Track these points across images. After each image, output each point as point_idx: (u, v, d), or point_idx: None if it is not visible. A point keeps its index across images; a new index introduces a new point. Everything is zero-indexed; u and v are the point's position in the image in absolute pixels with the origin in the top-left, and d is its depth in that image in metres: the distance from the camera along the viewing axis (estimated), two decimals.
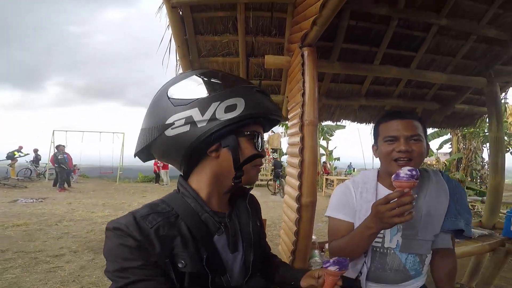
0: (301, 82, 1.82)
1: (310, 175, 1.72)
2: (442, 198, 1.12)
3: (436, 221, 1.08)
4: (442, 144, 11.26)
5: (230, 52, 2.59)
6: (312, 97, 1.78)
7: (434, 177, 1.17)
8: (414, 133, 1.05)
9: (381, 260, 1.11)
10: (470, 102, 3.26)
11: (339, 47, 2.49)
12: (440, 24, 2.37)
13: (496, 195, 2.83)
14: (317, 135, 1.80)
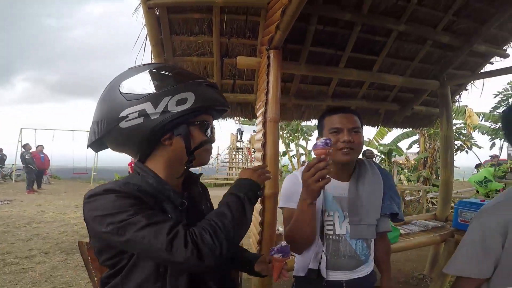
0: (265, 82, 1.96)
1: (272, 168, 1.86)
2: (378, 185, 1.27)
3: (376, 206, 1.24)
4: (411, 144, 11.90)
5: (205, 52, 2.67)
6: (274, 96, 1.92)
7: (369, 167, 1.32)
8: (355, 125, 1.19)
9: (335, 247, 1.22)
10: (427, 104, 3.54)
11: (307, 50, 2.65)
12: (400, 30, 2.59)
13: (446, 189, 3.12)
14: (278, 131, 1.95)
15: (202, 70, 2.83)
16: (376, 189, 1.26)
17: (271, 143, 1.89)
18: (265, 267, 1.01)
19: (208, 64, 2.77)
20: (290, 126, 14.89)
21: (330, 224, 1.23)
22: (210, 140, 0.87)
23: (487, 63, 3.12)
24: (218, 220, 0.74)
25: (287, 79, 3.02)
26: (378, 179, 1.29)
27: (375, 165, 1.35)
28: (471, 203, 2.54)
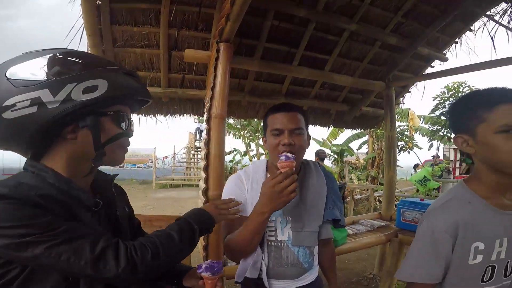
0: (212, 76, 1.84)
1: (217, 168, 1.74)
2: (322, 189, 1.20)
3: (318, 211, 1.17)
4: (361, 145, 12.59)
5: (151, 44, 2.51)
6: (221, 91, 1.81)
7: (314, 169, 1.25)
8: (297, 126, 1.09)
9: (277, 254, 1.13)
10: (375, 105, 3.70)
11: (262, 46, 2.60)
12: (352, 29, 2.65)
13: (390, 187, 3.25)
14: (224, 129, 1.83)
15: (147, 62, 2.66)
16: (320, 193, 1.20)
17: (215, 141, 1.76)
18: (195, 283, 0.90)
19: (154, 56, 2.60)
20: (250, 125, 14.87)
21: (271, 229, 1.14)
22: (126, 133, 0.76)
23: (429, 66, 3.32)
24: (164, 242, 0.73)
25: (242, 76, 2.95)
26: (322, 182, 1.23)
27: (320, 167, 1.29)
28: (412, 203, 2.66)
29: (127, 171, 17.65)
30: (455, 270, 0.89)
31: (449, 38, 3.06)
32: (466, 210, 0.88)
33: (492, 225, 0.87)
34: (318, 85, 3.18)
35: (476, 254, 0.87)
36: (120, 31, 2.34)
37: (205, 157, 1.75)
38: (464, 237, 0.86)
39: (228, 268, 1.95)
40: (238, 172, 1.26)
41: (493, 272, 0.89)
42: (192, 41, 2.51)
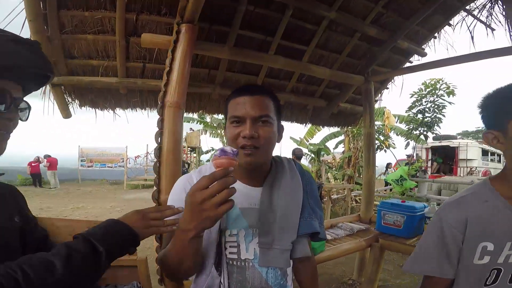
0: (168, 59, 1.55)
1: (170, 166, 1.45)
2: (297, 193, 0.95)
3: (292, 223, 0.92)
4: (337, 144, 12.67)
5: (105, 30, 2.23)
6: (180, 77, 1.54)
7: (288, 167, 0.99)
8: (262, 113, 0.85)
9: (240, 276, 0.89)
10: (352, 102, 3.55)
11: (236, 33, 2.36)
12: (331, 17, 2.47)
13: (369, 188, 3.09)
14: (181, 120, 1.54)
15: (100, 50, 2.38)
16: (294, 199, 0.94)
17: (170, 133, 1.47)
18: None
19: (109, 43, 2.32)
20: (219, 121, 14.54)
21: (233, 246, 0.89)
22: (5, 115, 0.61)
23: (407, 61, 3.22)
24: (35, 274, 0.51)
25: (213, 66, 2.67)
26: (298, 185, 0.97)
27: (296, 166, 1.03)
28: (393, 205, 2.50)
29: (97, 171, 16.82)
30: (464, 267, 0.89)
31: (428, 32, 2.96)
32: (480, 207, 0.87)
33: (508, 227, 0.84)
34: (295, 77, 2.96)
35: (483, 255, 0.86)
36: (69, 16, 2.10)
37: (156, 153, 1.45)
38: (472, 236, 0.86)
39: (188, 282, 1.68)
40: (191, 172, 0.99)
41: (498, 276, 0.87)
42: (153, 26, 2.22)
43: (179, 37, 1.66)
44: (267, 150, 0.88)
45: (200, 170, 0.99)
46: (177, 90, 1.50)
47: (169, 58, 1.56)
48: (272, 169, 0.97)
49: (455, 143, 12.14)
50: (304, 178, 1.01)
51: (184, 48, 1.60)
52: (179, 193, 0.90)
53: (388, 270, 3.60)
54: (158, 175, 1.44)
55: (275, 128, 0.90)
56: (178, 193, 0.92)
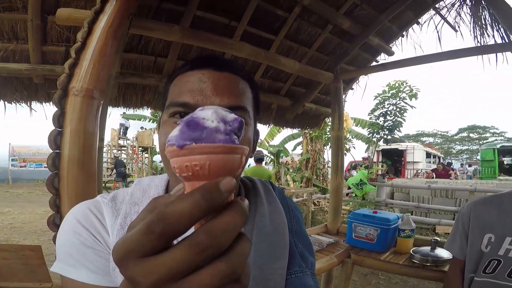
0: (82, 32, 1.07)
1: (76, 183, 0.95)
2: (280, 232, 0.58)
3: (274, 283, 0.52)
4: (295, 146, 12.72)
5: (14, 7, 1.80)
6: (97, 56, 1.04)
7: (265, 195, 0.63)
8: (235, 102, 0.50)
9: None
10: (317, 102, 3.31)
11: (192, 14, 1.95)
12: (304, 3, 2.18)
13: (337, 196, 2.83)
14: (95, 116, 1.06)
15: (6, 31, 1.89)
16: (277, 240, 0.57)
17: (74, 134, 0.96)
18: None
19: (19, 23, 1.86)
20: None
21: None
22: None
23: (374, 60, 3.08)
24: None
25: (160, 53, 2.22)
26: (282, 217, 0.60)
27: (275, 191, 0.66)
28: (365, 216, 2.25)
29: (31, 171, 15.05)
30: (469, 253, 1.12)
31: (398, 30, 2.83)
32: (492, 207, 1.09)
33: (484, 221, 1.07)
34: (261, 71, 2.61)
35: (488, 244, 1.06)
36: None
37: (50, 163, 0.95)
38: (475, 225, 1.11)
39: None
40: (96, 198, 0.58)
41: (497, 267, 1.03)
42: (81, 3, 1.74)
43: (105, 7, 1.17)
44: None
45: (114, 197, 0.58)
46: (90, 73, 1.01)
47: (84, 31, 1.06)
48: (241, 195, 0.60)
49: (403, 146, 12.92)
50: (287, 212, 0.64)
51: (109, 20, 1.12)
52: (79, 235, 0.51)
53: (353, 280, 3.42)
54: (58, 194, 0.94)
55: (251, 132, 0.54)
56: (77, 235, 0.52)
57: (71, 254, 0.51)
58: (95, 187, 1.00)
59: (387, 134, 6.56)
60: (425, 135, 46.23)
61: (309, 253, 0.64)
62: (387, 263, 2.09)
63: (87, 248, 0.51)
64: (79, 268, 0.50)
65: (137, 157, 15.44)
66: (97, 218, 0.54)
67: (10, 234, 5.76)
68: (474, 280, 1.09)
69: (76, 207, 0.56)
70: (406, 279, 3.53)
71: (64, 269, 0.51)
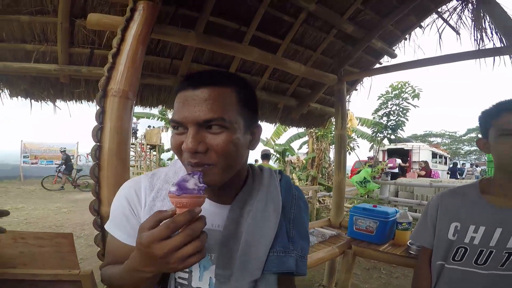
0: (117, 39, 1.24)
1: (114, 171, 1.14)
2: (270, 220, 0.70)
3: (256, 258, 0.66)
4: (301, 145, 12.84)
5: (45, 10, 1.94)
6: (130, 61, 1.24)
7: (267, 184, 0.75)
8: (211, 115, 0.59)
9: None
10: (322, 102, 3.45)
11: (206, 20, 2.12)
12: (310, 9, 2.32)
13: (339, 191, 2.98)
14: (130, 114, 1.24)
15: (38, 33, 2.04)
16: (264, 227, 0.69)
17: (113, 130, 1.16)
18: None
19: (49, 25, 2.01)
20: None
21: (185, 271, 0.70)
22: None
23: (377, 62, 3.20)
24: None
25: (176, 55, 2.39)
26: (274, 206, 0.72)
27: (277, 178, 0.79)
28: (365, 209, 2.40)
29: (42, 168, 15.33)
30: (436, 242, 1.17)
31: (400, 33, 2.95)
32: (455, 198, 1.17)
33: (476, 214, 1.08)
34: (268, 73, 2.77)
35: (455, 233, 1.12)
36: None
37: (94, 154, 1.13)
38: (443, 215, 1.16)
39: None
40: (140, 176, 0.75)
41: (464, 254, 1.09)
42: (106, 7, 1.92)
43: (134, 15, 1.35)
44: (227, 166, 0.63)
45: (153, 175, 0.75)
46: (125, 76, 1.18)
47: (118, 38, 1.24)
48: (247, 183, 0.74)
49: (409, 146, 12.92)
50: (288, 197, 0.77)
51: (139, 28, 1.30)
52: (120, 205, 0.72)
53: (356, 274, 3.56)
54: (98, 182, 1.12)
55: (240, 133, 0.63)
56: (119, 204, 0.72)
57: (115, 218, 0.72)
58: (129, 176, 1.18)
59: (390, 134, 6.66)
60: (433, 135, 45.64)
61: (302, 239, 0.75)
62: (386, 253, 2.22)
63: (125, 217, 0.71)
64: (118, 229, 0.71)
65: (146, 154, 15.67)
66: (136, 194, 0.72)
67: (26, 229, 6.00)
68: (445, 267, 1.14)
69: (125, 183, 0.76)
70: (407, 273, 3.65)
71: (110, 228, 0.72)
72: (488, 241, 1.05)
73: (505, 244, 1.02)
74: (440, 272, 1.15)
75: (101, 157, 1.11)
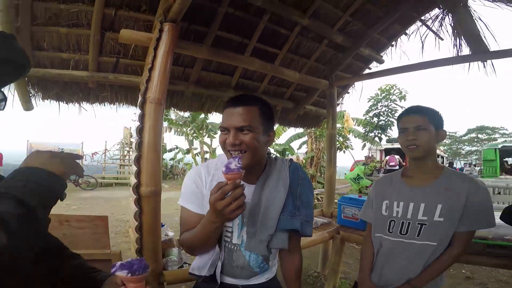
0: (151, 56, 1.61)
1: (151, 160, 1.52)
2: (280, 192, 1.06)
3: (271, 218, 1.03)
4: (301, 145, 13.18)
5: (80, 23, 2.21)
6: (162, 74, 1.61)
7: (279, 167, 1.12)
8: (243, 124, 0.96)
9: (229, 256, 1.08)
10: (317, 104, 3.80)
11: (214, 34, 2.47)
12: (303, 24, 2.66)
13: (331, 185, 3.35)
14: (162, 116, 1.62)
15: (73, 44, 2.33)
16: (276, 197, 1.05)
17: (151, 128, 1.53)
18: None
19: (83, 37, 2.30)
20: (195, 122, 14.36)
21: (228, 231, 1.09)
22: None
23: (367, 67, 3.54)
24: None
25: (188, 64, 2.74)
26: (282, 185, 1.08)
27: (287, 166, 1.15)
28: (351, 199, 2.76)
29: None
30: (375, 217, 1.44)
31: (387, 41, 3.28)
32: (385, 181, 1.49)
33: (397, 193, 1.38)
34: (267, 79, 3.13)
35: (386, 209, 1.39)
36: (43, 8, 2.06)
37: (137, 147, 1.50)
38: (377, 195, 1.46)
39: (169, 273, 1.75)
40: (199, 166, 1.14)
41: (393, 226, 1.34)
42: (131, 22, 2.24)
43: (162, 35, 1.71)
44: (253, 154, 1.00)
45: (208, 165, 1.13)
46: (158, 87, 1.56)
47: (151, 56, 1.61)
48: (266, 169, 1.11)
49: None
50: (295, 178, 1.12)
51: (166, 46, 1.66)
52: (190, 184, 1.09)
53: (348, 263, 3.89)
54: (139, 168, 1.50)
55: (261, 134, 1.01)
56: (190, 183, 1.09)
57: (187, 196, 1.09)
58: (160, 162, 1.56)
59: (380, 133, 7.06)
60: None
61: (306, 208, 1.09)
62: None
63: (194, 195, 1.07)
64: (189, 203, 1.08)
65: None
66: (200, 179, 1.09)
67: None
68: (382, 238, 1.36)
69: (189, 173, 1.14)
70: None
71: (184, 203, 1.09)
72: (406, 214, 1.31)
73: (417, 216, 1.28)
74: (379, 242, 1.38)
75: (141, 149, 1.49)
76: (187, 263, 1.88)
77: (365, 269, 1.43)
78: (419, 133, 1.28)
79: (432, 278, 1.27)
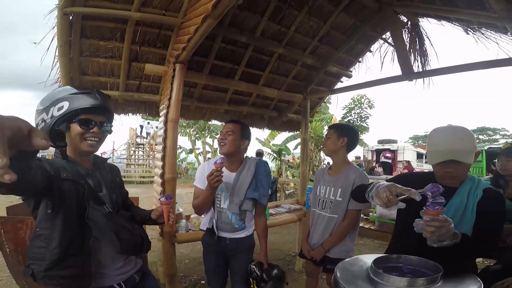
0: (169, 89, 2.43)
1: (171, 157, 2.38)
2: (248, 176, 1.79)
3: (242, 190, 1.76)
4: (297, 146, 13.92)
5: (114, 56, 2.82)
6: (176, 101, 2.40)
7: (250, 162, 1.84)
8: (229, 130, 1.76)
9: (219, 216, 1.78)
10: (298, 113, 4.48)
11: (211, 63, 3.20)
12: (279, 52, 3.37)
13: (304, 178, 4.16)
14: (177, 129, 2.46)
15: (108, 70, 2.96)
16: (245, 179, 1.78)
17: (170, 138, 2.39)
18: (158, 213, 1.41)
19: (115, 66, 2.92)
20: (197, 124, 15.09)
21: (218, 199, 1.80)
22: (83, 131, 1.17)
23: (339, 81, 4.22)
24: None
25: (192, 85, 3.45)
26: (251, 172, 1.80)
27: (255, 162, 1.86)
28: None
29: None
30: (313, 197, 2.09)
31: (354, 59, 3.94)
32: (320, 172, 2.13)
33: (322, 179, 2.03)
34: (254, 95, 3.89)
35: (318, 191, 2.03)
36: (88, 44, 2.64)
37: (162, 150, 2.37)
38: (315, 181, 2.07)
39: (179, 235, 2.56)
40: (206, 162, 1.98)
41: (319, 203, 1.99)
42: (150, 56, 2.89)
43: (175, 72, 2.47)
44: (230, 146, 1.75)
45: (208, 162, 1.91)
46: (174, 110, 2.38)
47: (169, 89, 2.43)
48: (242, 163, 1.86)
49: (395, 147, 14.00)
50: (260, 171, 1.83)
51: (178, 81, 2.46)
52: (200, 172, 1.86)
53: None
54: (164, 162, 2.36)
55: (238, 137, 1.77)
56: (199, 171, 1.87)
57: (199, 179, 1.87)
58: (176, 160, 2.41)
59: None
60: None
61: (264, 187, 1.82)
62: None
63: (202, 178, 1.78)
64: (199, 182, 1.86)
65: (154, 153, 16.80)
66: (204, 169, 1.85)
67: None
68: (315, 212, 2.03)
69: (200, 166, 1.95)
70: (372, 241, 4.81)
71: (197, 183, 1.87)
72: (325, 194, 1.96)
73: (330, 196, 1.92)
74: (313, 215, 2.04)
75: (165, 151, 2.35)
76: (191, 229, 2.70)
77: (305, 235, 2.11)
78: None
79: (334, 242, 1.88)
